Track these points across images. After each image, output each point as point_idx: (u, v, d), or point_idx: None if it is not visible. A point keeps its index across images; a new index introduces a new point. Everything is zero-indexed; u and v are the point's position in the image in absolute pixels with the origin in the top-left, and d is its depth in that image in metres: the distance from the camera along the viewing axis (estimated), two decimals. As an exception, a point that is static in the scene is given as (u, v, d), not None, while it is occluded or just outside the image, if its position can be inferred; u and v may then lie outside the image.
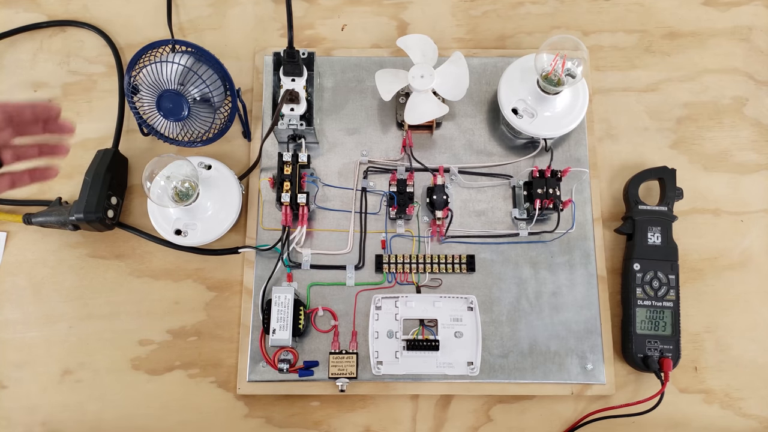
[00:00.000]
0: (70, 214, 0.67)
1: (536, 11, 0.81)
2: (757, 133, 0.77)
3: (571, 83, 0.67)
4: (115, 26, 0.80)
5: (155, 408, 0.68)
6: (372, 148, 0.74)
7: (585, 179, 0.73)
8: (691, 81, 0.78)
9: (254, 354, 0.67)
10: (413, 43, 0.70)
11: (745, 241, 0.73)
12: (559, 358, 0.67)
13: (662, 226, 0.69)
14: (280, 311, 0.65)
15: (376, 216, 0.71)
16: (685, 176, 0.74)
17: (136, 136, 0.75)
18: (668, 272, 0.68)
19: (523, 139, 0.73)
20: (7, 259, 0.72)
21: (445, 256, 0.70)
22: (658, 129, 0.77)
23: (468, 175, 0.73)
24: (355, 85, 0.76)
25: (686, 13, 0.81)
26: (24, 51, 0.79)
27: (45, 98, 0.77)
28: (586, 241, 0.71)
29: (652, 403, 0.65)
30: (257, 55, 0.77)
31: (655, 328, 0.67)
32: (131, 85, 0.66)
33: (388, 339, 0.67)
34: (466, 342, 0.67)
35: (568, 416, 0.68)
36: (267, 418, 0.68)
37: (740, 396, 0.69)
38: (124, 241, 0.72)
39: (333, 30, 0.80)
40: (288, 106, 0.67)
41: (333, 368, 0.65)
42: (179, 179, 0.65)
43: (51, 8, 0.80)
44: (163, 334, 0.69)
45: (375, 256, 0.70)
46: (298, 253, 0.70)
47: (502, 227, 0.72)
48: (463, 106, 0.75)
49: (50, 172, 0.59)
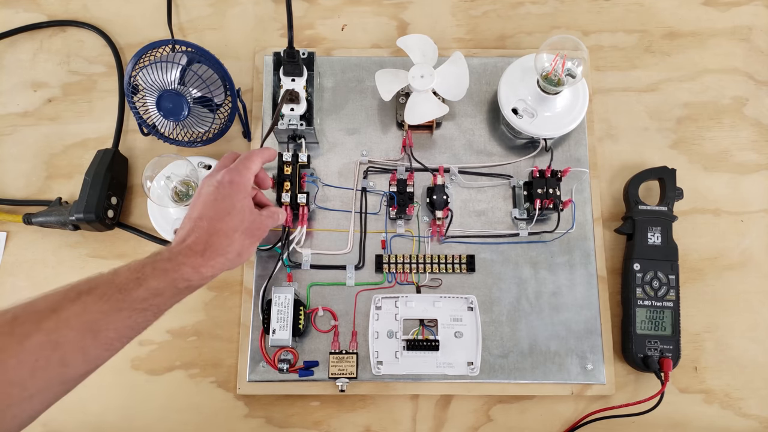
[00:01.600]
0: (70, 214, 0.67)
1: (536, 11, 0.81)
2: (757, 133, 0.77)
3: (571, 83, 0.67)
4: (115, 26, 0.80)
5: (155, 408, 0.68)
6: (372, 148, 0.74)
7: (585, 179, 0.73)
8: (691, 81, 0.78)
9: (254, 354, 0.67)
10: (413, 43, 0.70)
11: (745, 241, 0.73)
12: (559, 358, 0.67)
13: (662, 226, 0.69)
14: (280, 311, 0.65)
15: (376, 216, 0.71)
16: (685, 176, 0.74)
17: (136, 136, 0.75)
18: (668, 272, 0.68)
19: (523, 139, 0.73)
20: (7, 259, 0.72)
21: (445, 256, 0.70)
22: (658, 129, 0.77)
23: (468, 175, 0.73)
24: (355, 85, 0.76)
25: (686, 13, 0.81)
26: (24, 51, 0.79)
27: (45, 98, 0.77)
28: (586, 241, 0.71)
29: (652, 403, 0.65)
30: (257, 55, 0.77)
31: (655, 328, 0.67)
32: (131, 85, 0.66)
33: (388, 339, 0.67)
34: (466, 342, 0.67)
35: (568, 416, 0.68)
36: (267, 418, 0.68)
37: (740, 396, 0.69)
38: (124, 241, 0.72)
39: (333, 30, 0.80)
40: (288, 106, 0.67)
41: (333, 368, 0.65)
42: (179, 179, 0.66)
43: (51, 8, 0.80)
44: (163, 334, 0.69)
45: (375, 256, 0.70)
46: (298, 253, 0.70)
47: (502, 227, 0.72)
48: (463, 106, 0.75)
49: None
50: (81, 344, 0.43)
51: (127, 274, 0.47)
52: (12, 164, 0.75)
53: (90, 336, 0.43)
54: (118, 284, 0.46)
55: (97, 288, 0.45)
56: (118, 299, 0.45)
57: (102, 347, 0.44)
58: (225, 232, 0.53)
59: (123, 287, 0.46)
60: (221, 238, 0.52)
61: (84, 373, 0.44)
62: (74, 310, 0.43)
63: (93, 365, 0.45)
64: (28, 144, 0.76)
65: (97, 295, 0.44)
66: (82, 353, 0.43)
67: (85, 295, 0.44)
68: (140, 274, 0.47)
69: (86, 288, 0.45)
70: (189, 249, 0.51)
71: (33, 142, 0.76)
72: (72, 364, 0.43)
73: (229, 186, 0.55)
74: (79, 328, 0.43)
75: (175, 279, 0.49)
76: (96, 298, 0.44)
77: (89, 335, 0.43)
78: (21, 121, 0.76)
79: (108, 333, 0.44)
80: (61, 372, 0.42)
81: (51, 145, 0.75)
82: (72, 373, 0.43)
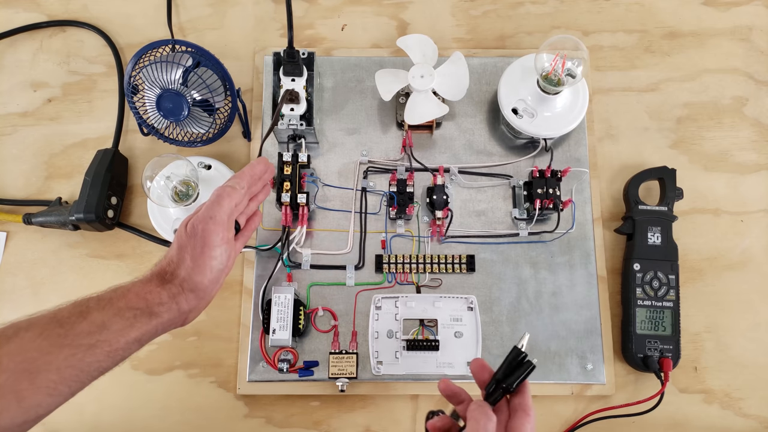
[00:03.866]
0: (70, 214, 0.67)
1: (536, 11, 0.81)
2: (757, 133, 0.77)
3: (571, 83, 0.67)
4: (115, 26, 0.80)
5: (155, 408, 0.68)
6: (372, 148, 0.74)
7: (585, 179, 0.73)
8: (691, 81, 0.78)
9: (254, 354, 0.67)
10: (413, 43, 0.70)
11: (745, 241, 0.73)
12: (559, 358, 0.67)
13: (662, 226, 0.69)
14: (280, 311, 0.65)
15: (376, 216, 0.71)
16: (685, 176, 0.74)
17: (136, 136, 0.75)
18: (668, 272, 0.68)
19: (523, 139, 0.73)
20: (7, 259, 0.72)
21: (445, 256, 0.70)
22: (658, 129, 0.77)
23: (468, 175, 0.73)
24: (355, 85, 0.76)
25: (686, 13, 0.81)
26: (24, 51, 0.79)
27: (45, 98, 0.77)
28: (586, 241, 0.71)
29: (652, 403, 0.65)
30: (257, 55, 0.77)
31: (655, 328, 0.67)
32: (131, 85, 0.66)
33: (388, 339, 0.67)
34: (466, 342, 0.67)
35: (568, 416, 0.68)
36: (267, 418, 0.68)
37: (740, 396, 0.69)
38: (124, 241, 0.72)
39: (333, 30, 0.80)
40: (288, 106, 0.67)
41: (333, 368, 0.65)
42: (179, 179, 0.66)
43: (51, 8, 0.80)
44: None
45: (375, 256, 0.70)
46: (298, 253, 0.70)
47: (502, 227, 0.72)
48: (463, 106, 0.75)
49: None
50: (15, 389, 0.38)
51: (70, 309, 0.43)
52: (12, 164, 0.75)
53: (26, 378, 0.38)
54: (60, 319, 0.41)
55: (38, 324, 0.40)
56: (59, 334, 0.40)
57: (42, 392, 0.39)
58: (190, 255, 0.49)
59: (65, 321, 0.41)
60: (187, 258, 0.49)
61: (21, 423, 0.39)
62: (8, 349, 0.38)
63: (33, 414, 0.39)
64: (28, 144, 0.76)
65: (36, 331, 0.40)
66: (17, 400, 0.38)
67: (23, 332, 0.40)
68: (84, 307, 0.43)
69: (25, 324, 0.40)
70: (142, 278, 0.48)
71: (33, 142, 0.76)
72: (4, 412, 0.37)
73: (210, 222, 0.51)
74: (13, 369, 0.38)
75: (120, 309, 0.44)
76: (35, 335, 0.39)
77: (25, 378, 0.38)
78: (21, 121, 0.76)
79: (48, 375, 0.39)
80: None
81: (51, 145, 0.75)
82: (4, 423, 0.38)
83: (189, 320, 0.50)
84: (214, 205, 0.51)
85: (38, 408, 0.40)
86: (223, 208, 0.51)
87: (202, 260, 0.49)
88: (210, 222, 0.50)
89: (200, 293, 0.49)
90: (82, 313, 0.42)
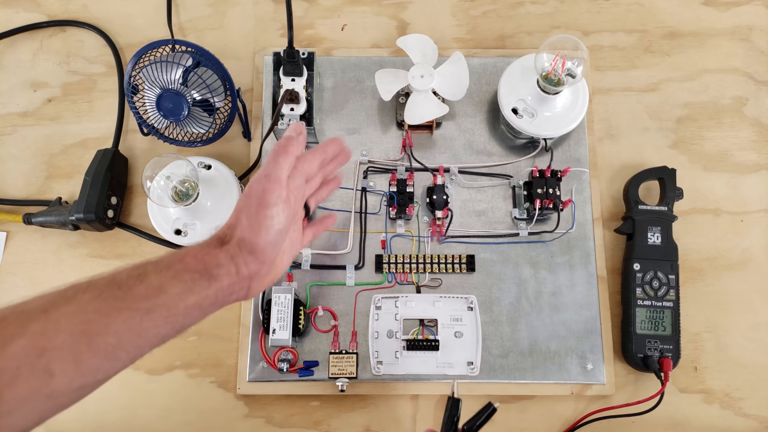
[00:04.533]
0: (70, 214, 0.67)
1: (536, 11, 0.81)
2: (757, 133, 0.77)
3: (571, 83, 0.67)
4: (115, 26, 0.80)
5: (155, 408, 0.68)
6: (372, 148, 0.74)
7: (585, 179, 0.73)
8: (691, 81, 0.78)
9: (254, 354, 0.67)
10: (413, 43, 0.70)
11: (745, 241, 0.73)
12: (559, 358, 0.67)
13: (662, 226, 0.69)
14: (280, 311, 0.65)
15: (376, 216, 0.71)
16: (685, 176, 0.74)
17: (136, 136, 0.75)
18: (668, 272, 0.68)
19: (523, 139, 0.73)
20: (7, 259, 0.72)
21: (445, 256, 0.70)
22: (658, 129, 0.77)
23: (468, 175, 0.73)
24: (355, 85, 0.76)
25: (686, 13, 0.81)
26: (24, 51, 0.79)
27: (45, 98, 0.77)
28: (586, 241, 0.71)
29: (652, 403, 0.65)
30: (257, 55, 0.77)
31: (655, 328, 0.67)
32: (131, 85, 0.66)
33: (388, 339, 0.67)
34: (466, 342, 0.67)
35: (568, 416, 0.68)
36: (267, 418, 0.68)
37: (740, 396, 0.69)
38: (124, 241, 0.72)
39: (333, 30, 0.80)
40: (288, 106, 0.67)
41: (333, 368, 0.65)
42: (179, 179, 0.65)
43: (51, 8, 0.80)
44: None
45: (375, 256, 0.70)
46: (298, 253, 0.70)
47: (502, 227, 0.72)
48: (463, 106, 0.75)
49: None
50: (72, 351, 0.37)
51: (129, 271, 0.41)
52: (12, 164, 0.75)
53: (84, 341, 0.37)
54: (118, 281, 0.40)
55: (96, 285, 0.39)
56: (117, 297, 0.39)
57: (100, 356, 0.38)
58: (253, 214, 0.46)
59: (122, 284, 0.40)
60: (248, 219, 0.46)
61: (78, 387, 0.38)
62: (66, 310, 0.37)
63: (91, 378, 0.38)
64: (28, 144, 0.76)
65: (94, 293, 0.39)
66: (74, 362, 0.37)
67: (81, 294, 0.38)
68: (142, 270, 0.42)
69: (84, 285, 0.39)
70: (202, 242, 0.46)
71: (33, 142, 0.76)
72: (60, 374, 0.36)
73: (265, 180, 0.48)
74: (71, 331, 0.37)
75: (178, 271, 0.42)
76: (93, 296, 0.38)
77: (83, 340, 0.37)
78: (21, 121, 0.76)
79: (107, 338, 0.38)
80: (45, 383, 0.36)
81: (51, 145, 0.76)
82: (61, 386, 0.37)
83: (253, 290, 0.47)
84: (269, 163, 0.48)
85: (96, 372, 0.38)
86: (280, 165, 0.48)
87: (257, 220, 0.46)
88: (265, 180, 0.47)
89: (259, 255, 0.46)
90: (140, 276, 0.41)
